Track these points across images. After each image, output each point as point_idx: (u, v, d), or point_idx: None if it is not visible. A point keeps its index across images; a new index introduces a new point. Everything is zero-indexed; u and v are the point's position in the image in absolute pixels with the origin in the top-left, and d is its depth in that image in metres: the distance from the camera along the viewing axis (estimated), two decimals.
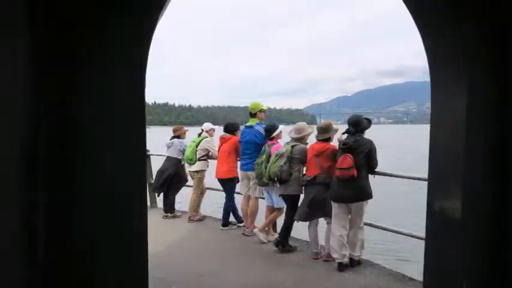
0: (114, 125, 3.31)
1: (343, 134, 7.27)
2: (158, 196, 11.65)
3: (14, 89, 2.88)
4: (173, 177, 10.74)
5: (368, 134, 7.30)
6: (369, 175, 7.08)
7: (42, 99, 2.97)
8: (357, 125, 7.11)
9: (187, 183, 11.22)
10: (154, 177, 11.28)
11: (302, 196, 7.85)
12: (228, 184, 9.74)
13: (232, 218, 9.98)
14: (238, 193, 9.82)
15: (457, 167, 3.66)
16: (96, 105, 3.22)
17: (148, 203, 11.43)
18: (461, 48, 3.63)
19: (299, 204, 7.81)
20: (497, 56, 3.52)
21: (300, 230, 8.62)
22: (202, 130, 10.85)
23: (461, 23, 3.61)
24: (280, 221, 8.48)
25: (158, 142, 14.56)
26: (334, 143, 7.56)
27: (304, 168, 7.88)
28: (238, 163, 9.58)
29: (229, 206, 9.81)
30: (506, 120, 3.50)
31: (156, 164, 11.69)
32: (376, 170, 7.15)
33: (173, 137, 11.09)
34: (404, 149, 54.36)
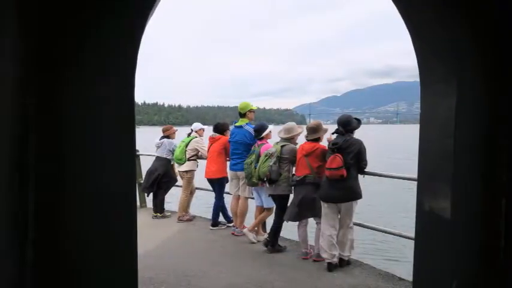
0: (103, 125, 3.30)
1: (333, 134, 7.28)
2: (148, 196, 11.66)
3: (3, 88, 2.86)
4: (163, 177, 10.74)
5: (357, 134, 7.32)
6: (359, 175, 7.10)
7: (32, 99, 2.95)
8: (347, 125, 7.13)
9: (176, 183, 11.24)
10: (143, 177, 11.26)
11: (291, 196, 7.85)
12: (218, 184, 9.74)
13: (221, 218, 9.99)
14: (228, 193, 9.82)
15: (446, 166, 3.67)
16: (86, 105, 3.20)
17: (138, 203, 11.43)
18: (450, 48, 3.64)
19: (288, 204, 7.81)
20: (487, 55, 3.53)
21: (290, 230, 8.63)
22: (192, 130, 10.85)
23: (451, 23, 3.62)
24: (270, 221, 8.49)
25: (148, 142, 14.55)
26: (324, 143, 7.58)
27: (294, 168, 7.88)
28: (228, 163, 9.58)
29: (219, 206, 9.82)
30: (495, 120, 3.52)
31: (145, 164, 11.70)
32: (366, 170, 7.16)
33: (163, 137, 11.10)
34: (394, 148, 54.60)
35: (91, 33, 3.21)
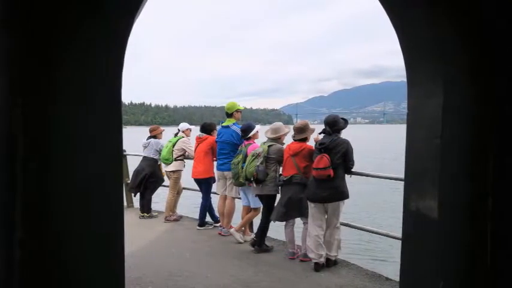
0: (90, 125, 3.28)
1: (320, 134, 7.29)
2: (135, 196, 11.65)
3: None
4: (149, 177, 10.72)
5: (344, 134, 7.34)
6: (346, 175, 7.11)
7: (19, 99, 2.93)
8: (333, 125, 7.14)
9: (163, 183, 11.23)
10: (130, 177, 11.23)
11: (278, 196, 7.85)
12: (205, 184, 9.73)
13: (208, 218, 9.99)
14: (215, 193, 9.81)
15: (433, 166, 3.68)
16: (73, 105, 3.18)
17: (125, 203, 11.39)
18: (437, 47, 3.65)
19: (275, 204, 7.81)
20: (474, 55, 3.55)
21: (277, 230, 8.64)
22: (179, 130, 10.84)
23: (438, 23, 3.63)
24: (257, 221, 8.49)
25: (135, 142, 14.51)
26: (311, 143, 7.58)
27: (281, 168, 7.89)
28: (215, 163, 9.57)
29: (206, 206, 9.80)
30: (482, 120, 3.53)
31: (132, 164, 11.68)
32: (353, 169, 7.17)
33: (150, 137, 11.09)
34: (381, 148, 54.80)
35: (78, 34, 3.19)
